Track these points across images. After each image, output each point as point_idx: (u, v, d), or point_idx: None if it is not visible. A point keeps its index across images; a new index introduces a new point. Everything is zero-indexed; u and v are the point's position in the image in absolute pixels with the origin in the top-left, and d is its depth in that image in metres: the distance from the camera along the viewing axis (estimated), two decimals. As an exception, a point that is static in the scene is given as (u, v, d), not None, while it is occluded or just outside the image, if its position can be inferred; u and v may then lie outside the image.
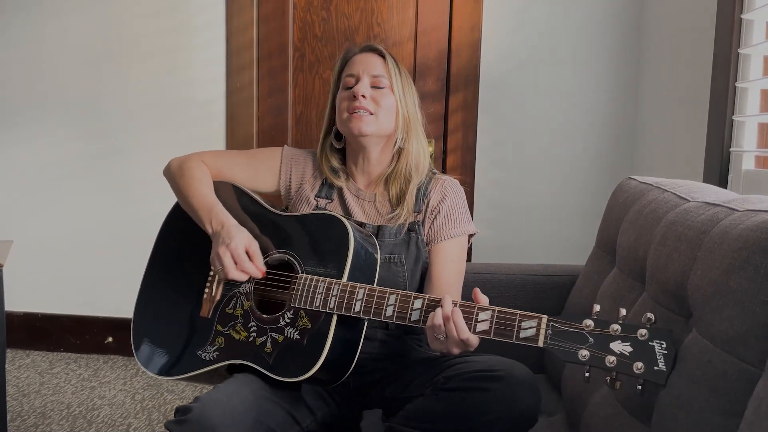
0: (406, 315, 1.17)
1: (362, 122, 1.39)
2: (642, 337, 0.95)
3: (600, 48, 2.53)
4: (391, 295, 1.18)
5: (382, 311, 1.18)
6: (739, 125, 1.70)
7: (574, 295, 1.61)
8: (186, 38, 2.70)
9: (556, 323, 1.02)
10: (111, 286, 2.81)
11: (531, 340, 1.04)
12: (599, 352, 0.98)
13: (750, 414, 0.81)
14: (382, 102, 1.41)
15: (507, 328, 1.07)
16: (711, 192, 1.24)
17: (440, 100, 2.62)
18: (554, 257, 2.46)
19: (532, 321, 1.05)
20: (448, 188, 1.46)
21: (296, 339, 1.22)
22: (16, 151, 2.83)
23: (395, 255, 1.39)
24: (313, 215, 1.36)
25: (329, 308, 1.21)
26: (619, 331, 0.98)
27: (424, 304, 1.16)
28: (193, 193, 1.40)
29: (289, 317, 1.24)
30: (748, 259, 0.89)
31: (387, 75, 1.43)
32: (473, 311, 1.11)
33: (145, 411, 2.32)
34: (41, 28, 2.75)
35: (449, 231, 1.42)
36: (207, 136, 2.71)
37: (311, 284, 1.24)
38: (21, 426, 2.19)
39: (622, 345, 0.97)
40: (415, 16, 2.61)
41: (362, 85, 1.41)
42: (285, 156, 1.52)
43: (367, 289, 1.20)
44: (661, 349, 0.94)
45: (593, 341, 0.99)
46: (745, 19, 1.66)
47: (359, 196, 1.47)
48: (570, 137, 2.58)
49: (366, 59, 1.44)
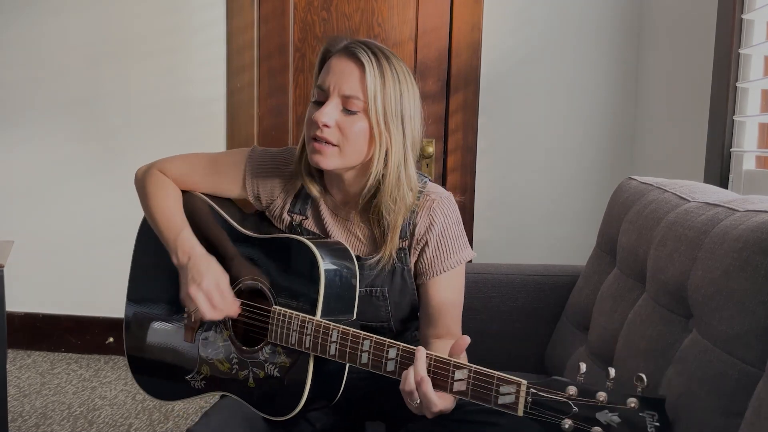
0: (381, 364, 1.07)
1: (322, 156, 1.17)
2: (632, 407, 0.85)
3: (600, 48, 2.53)
4: (365, 341, 1.09)
5: (357, 357, 1.09)
6: (740, 125, 1.70)
7: (575, 295, 1.61)
8: (186, 38, 2.70)
9: (537, 390, 0.91)
10: (112, 286, 2.79)
11: (510, 408, 0.93)
12: (584, 424, 0.88)
13: (750, 414, 0.81)
14: (349, 131, 1.16)
15: (485, 391, 0.96)
16: (711, 192, 1.24)
17: (440, 101, 2.62)
18: (555, 257, 2.46)
19: (510, 386, 0.94)
20: (437, 210, 1.24)
21: (277, 376, 1.18)
22: (16, 152, 2.83)
23: (377, 288, 1.25)
24: (281, 240, 1.23)
25: (305, 348, 1.13)
26: (606, 400, 0.87)
27: (399, 354, 1.06)
28: (158, 216, 1.31)
29: (268, 352, 1.19)
30: (749, 259, 0.89)
31: (363, 94, 1.15)
32: (449, 369, 1.00)
33: (146, 411, 2.32)
34: (41, 28, 2.75)
35: (442, 264, 1.24)
36: (207, 137, 2.71)
37: (285, 319, 1.16)
38: (22, 426, 2.19)
39: (610, 415, 0.86)
40: (415, 16, 2.61)
41: (327, 111, 1.15)
42: (249, 167, 1.33)
43: (340, 331, 1.10)
44: (653, 421, 0.84)
45: (578, 410, 0.88)
46: (745, 19, 1.66)
47: (337, 213, 1.29)
48: (570, 137, 2.58)
49: (342, 68, 1.17)
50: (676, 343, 1.04)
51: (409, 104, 1.20)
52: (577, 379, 0.91)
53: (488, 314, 1.70)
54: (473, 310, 1.71)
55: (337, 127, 1.16)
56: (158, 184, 1.34)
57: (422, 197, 1.25)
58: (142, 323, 1.39)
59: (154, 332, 1.37)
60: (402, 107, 1.19)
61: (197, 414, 2.27)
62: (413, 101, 1.22)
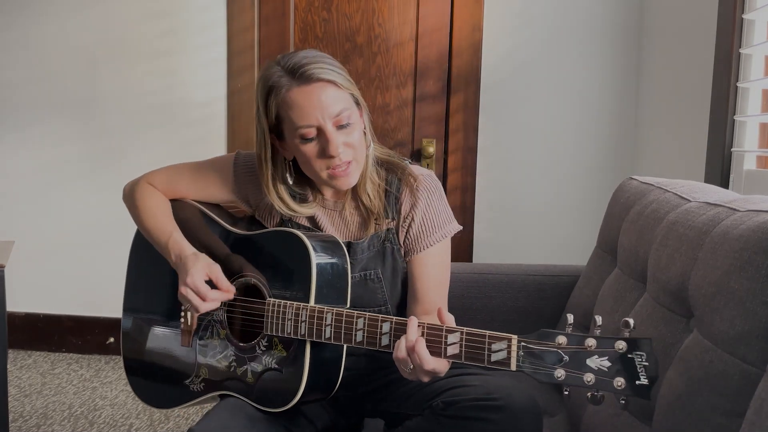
0: (376, 340, 1.09)
1: (349, 177, 1.21)
2: (620, 349, 0.88)
3: (601, 48, 2.53)
4: (358, 319, 1.11)
5: (352, 336, 1.11)
6: (741, 125, 1.70)
7: (576, 295, 1.61)
8: (187, 40, 2.70)
9: (527, 344, 0.94)
10: (112, 286, 2.79)
11: (503, 364, 0.96)
12: (575, 372, 0.90)
13: (751, 414, 0.81)
14: (355, 141, 1.20)
15: (477, 351, 0.99)
16: (712, 192, 1.24)
17: (441, 101, 2.62)
18: (555, 257, 2.46)
19: (501, 342, 0.96)
20: (421, 188, 1.27)
21: (274, 368, 1.19)
22: (17, 152, 2.83)
23: (370, 270, 1.28)
24: (272, 233, 1.27)
25: (300, 335, 1.15)
26: (595, 345, 0.90)
27: (392, 327, 1.08)
28: (148, 224, 1.33)
29: (264, 345, 1.21)
30: (750, 259, 0.89)
31: (348, 101, 1.19)
32: (441, 334, 1.02)
33: (147, 411, 2.32)
34: (42, 29, 2.75)
35: (427, 239, 1.28)
36: (208, 138, 2.72)
37: (280, 309, 1.17)
38: (23, 426, 2.19)
39: (600, 360, 0.89)
40: (416, 16, 2.61)
41: (333, 142, 1.16)
42: (237, 171, 1.35)
43: (334, 313, 1.12)
44: (642, 361, 0.86)
45: (568, 359, 0.91)
46: (746, 19, 1.66)
47: (326, 206, 1.32)
48: (571, 137, 2.58)
49: (317, 95, 1.15)
50: (677, 343, 1.04)
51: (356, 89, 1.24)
52: (566, 330, 0.93)
53: (489, 314, 1.70)
54: (473, 310, 1.71)
55: (344, 145, 1.19)
56: (146, 194, 1.37)
57: (405, 177, 1.29)
58: (139, 334, 1.40)
59: (151, 341, 1.38)
60: (356, 90, 1.23)
61: (198, 414, 2.27)
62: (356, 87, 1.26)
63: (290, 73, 1.17)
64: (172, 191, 1.40)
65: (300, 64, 1.16)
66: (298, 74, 1.16)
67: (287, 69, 1.17)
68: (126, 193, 1.42)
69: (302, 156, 1.21)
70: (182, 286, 1.21)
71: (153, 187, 1.39)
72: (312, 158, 1.20)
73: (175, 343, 1.33)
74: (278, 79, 1.18)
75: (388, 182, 1.30)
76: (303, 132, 1.17)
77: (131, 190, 1.40)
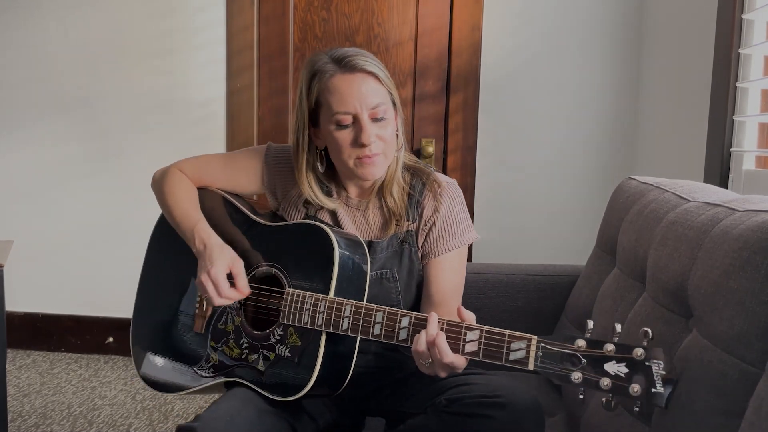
0: (394, 333, 1.11)
1: (375, 168, 1.24)
2: (638, 357, 0.89)
3: (600, 48, 2.53)
4: (378, 312, 1.13)
5: (370, 329, 1.13)
6: (740, 125, 1.70)
7: (575, 295, 1.61)
8: (186, 39, 2.69)
9: (546, 344, 0.96)
10: (112, 286, 2.80)
11: (521, 363, 0.98)
12: (593, 375, 0.92)
13: (751, 414, 0.81)
14: (387, 136, 1.24)
15: (496, 349, 1.01)
16: (711, 192, 1.24)
17: (440, 101, 2.62)
18: (555, 257, 2.46)
19: (521, 342, 0.98)
20: (444, 194, 1.31)
21: (287, 357, 1.20)
22: (16, 152, 2.83)
23: (387, 270, 1.30)
24: (297, 225, 1.29)
25: (317, 325, 1.17)
26: (614, 351, 0.91)
27: (411, 322, 1.10)
28: (176, 210, 1.35)
29: (279, 334, 1.22)
30: (749, 259, 0.89)
31: (385, 97, 1.24)
32: (461, 330, 1.04)
33: (146, 411, 2.32)
34: (41, 29, 2.74)
35: (447, 244, 1.31)
36: (207, 138, 2.71)
37: (298, 300, 1.19)
38: (22, 426, 2.19)
39: (617, 366, 0.91)
40: (415, 16, 2.61)
41: (367, 131, 1.21)
42: (268, 162, 1.39)
43: (354, 306, 1.15)
44: (659, 369, 0.88)
45: (586, 362, 0.92)
46: (745, 19, 1.66)
47: (349, 204, 1.35)
48: (570, 137, 2.58)
49: (358, 84, 1.21)
50: (677, 343, 1.04)
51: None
52: (586, 333, 0.95)
53: (488, 314, 1.70)
54: (473, 309, 1.69)
55: (376, 137, 1.23)
56: (175, 181, 1.40)
57: (429, 183, 1.33)
58: (152, 316, 1.41)
59: (164, 324, 1.39)
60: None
61: (198, 413, 2.27)
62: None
63: (336, 61, 1.23)
64: (200, 179, 1.42)
65: (347, 54, 1.23)
66: (343, 63, 1.22)
67: (334, 57, 1.23)
68: (155, 179, 1.44)
69: (334, 143, 1.25)
70: (203, 274, 1.23)
71: (182, 174, 1.42)
72: (344, 146, 1.23)
73: (188, 327, 1.35)
74: (324, 65, 1.23)
75: (412, 186, 1.33)
76: (339, 118, 1.22)
77: (161, 176, 1.42)
